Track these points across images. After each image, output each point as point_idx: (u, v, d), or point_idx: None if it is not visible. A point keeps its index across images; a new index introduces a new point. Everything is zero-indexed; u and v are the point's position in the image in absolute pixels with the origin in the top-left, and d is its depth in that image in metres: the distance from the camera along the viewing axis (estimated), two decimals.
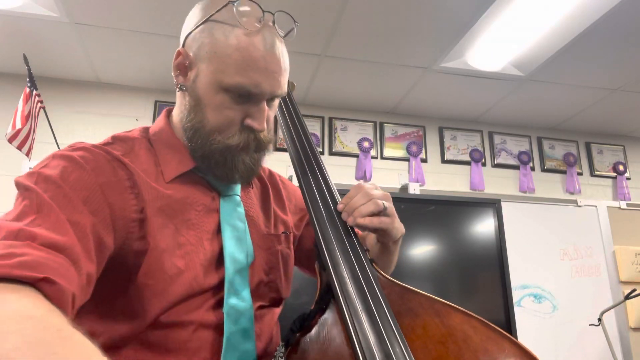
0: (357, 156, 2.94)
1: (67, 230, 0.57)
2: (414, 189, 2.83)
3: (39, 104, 2.20)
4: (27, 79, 2.17)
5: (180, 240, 0.70)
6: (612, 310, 2.63)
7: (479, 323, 0.65)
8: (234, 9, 0.70)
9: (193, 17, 0.76)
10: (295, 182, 0.96)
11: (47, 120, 2.24)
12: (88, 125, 2.65)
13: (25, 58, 2.18)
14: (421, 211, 2.73)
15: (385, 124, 3.05)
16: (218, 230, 0.75)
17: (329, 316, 0.71)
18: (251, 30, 0.69)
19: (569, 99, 2.91)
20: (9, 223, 0.55)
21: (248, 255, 0.76)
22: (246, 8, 0.71)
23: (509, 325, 2.62)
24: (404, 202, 2.72)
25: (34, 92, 2.16)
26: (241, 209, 0.79)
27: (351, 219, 0.76)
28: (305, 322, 0.71)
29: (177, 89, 0.78)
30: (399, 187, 2.86)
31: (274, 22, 0.73)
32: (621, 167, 3.32)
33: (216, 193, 0.78)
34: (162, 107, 2.76)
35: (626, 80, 2.67)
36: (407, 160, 3.01)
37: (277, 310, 0.83)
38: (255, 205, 0.85)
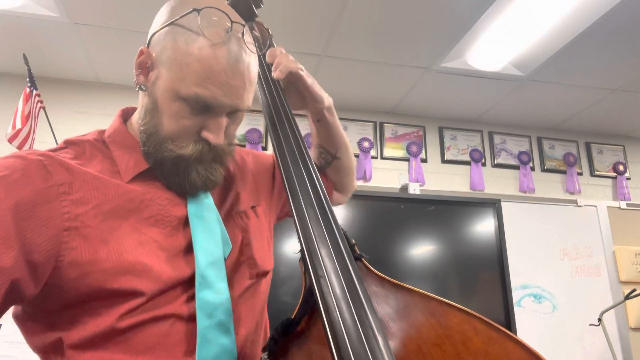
0: (357, 156, 2.94)
1: None
2: (414, 189, 2.83)
3: (39, 104, 2.20)
4: (27, 79, 2.17)
5: (141, 238, 0.67)
6: (612, 310, 2.63)
7: (480, 323, 0.59)
8: (198, 18, 0.66)
9: (160, 16, 0.73)
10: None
11: (47, 120, 2.24)
12: (88, 125, 2.64)
13: (25, 58, 2.18)
14: (421, 211, 2.73)
15: (385, 124, 3.05)
16: (186, 223, 0.72)
17: (312, 321, 0.66)
18: (215, 41, 0.66)
19: (569, 99, 2.91)
20: None
21: (224, 245, 0.73)
22: (214, 17, 0.67)
23: (509, 325, 2.62)
24: (404, 202, 2.72)
25: (34, 92, 2.17)
26: (209, 200, 0.76)
27: (279, 72, 0.80)
28: (289, 328, 0.67)
29: (137, 89, 0.76)
30: (399, 187, 2.86)
31: (243, 34, 0.69)
32: (621, 167, 3.32)
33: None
34: None
35: (626, 80, 2.67)
36: (407, 160, 3.01)
37: (264, 287, 0.80)
38: (219, 188, 0.82)
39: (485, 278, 2.72)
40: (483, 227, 2.82)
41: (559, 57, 2.42)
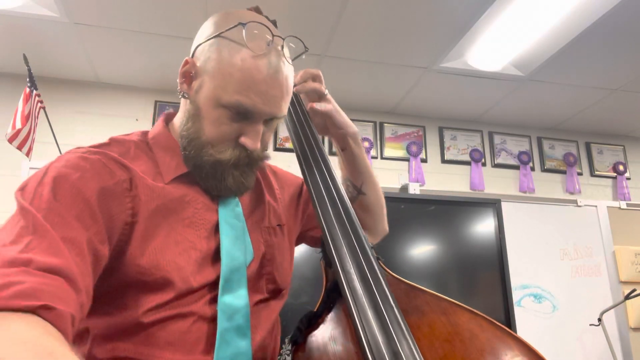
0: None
1: (62, 250, 0.57)
2: (414, 189, 2.83)
3: (39, 104, 2.20)
4: (27, 79, 2.17)
5: (177, 238, 0.72)
6: (612, 310, 2.63)
7: (485, 322, 0.66)
8: (243, 31, 0.71)
9: (205, 29, 0.78)
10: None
11: (47, 120, 2.24)
12: (88, 125, 2.65)
13: (25, 58, 2.18)
14: (421, 211, 2.73)
15: (385, 124, 3.05)
16: (216, 229, 0.76)
17: (336, 314, 0.71)
18: (257, 53, 0.70)
19: (569, 99, 2.91)
20: (5, 249, 0.55)
21: (246, 253, 0.77)
22: (255, 31, 0.72)
23: (509, 325, 2.62)
24: (404, 202, 2.72)
25: (34, 92, 2.16)
26: (239, 209, 0.80)
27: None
28: (312, 320, 0.71)
29: (180, 96, 0.79)
30: (399, 187, 2.86)
31: (282, 47, 0.73)
32: (621, 167, 3.32)
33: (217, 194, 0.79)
34: (162, 107, 2.76)
35: (626, 80, 2.67)
36: (407, 160, 3.01)
37: (278, 303, 0.84)
38: (249, 201, 0.86)
39: (485, 278, 2.72)
40: (483, 227, 2.81)
41: (559, 57, 2.42)
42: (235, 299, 0.72)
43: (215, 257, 0.74)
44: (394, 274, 0.74)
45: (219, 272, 0.73)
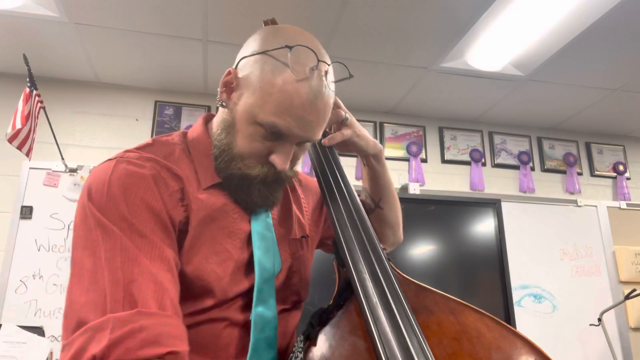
0: (356, 156, 2.93)
1: (158, 278, 0.60)
2: (414, 189, 2.83)
3: (39, 104, 2.20)
4: (27, 79, 2.17)
5: (218, 248, 0.73)
6: (612, 310, 2.63)
7: (492, 321, 0.68)
8: (289, 54, 0.70)
9: (252, 43, 0.77)
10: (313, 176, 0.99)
11: (47, 120, 2.24)
12: (88, 125, 2.65)
13: (25, 58, 2.18)
14: (421, 211, 2.73)
15: (385, 124, 3.05)
16: (249, 239, 0.77)
17: (347, 312, 0.72)
18: (300, 77, 0.70)
19: (569, 99, 2.91)
20: (109, 285, 0.58)
21: (275, 264, 0.78)
22: (301, 55, 0.71)
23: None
24: (404, 202, 2.71)
25: (34, 92, 2.16)
26: (270, 220, 0.81)
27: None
28: (324, 316, 0.72)
29: (218, 105, 0.79)
30: (399, 187, 2.86)
31: (327, 73, 0.73)
32: (621, 167, 3.32)
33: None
34: (162, 107, 2.77)
35: (626, 80, 2.67)
36: (407, 160, 3.01)
37: (298, 314, 0.85)
38: (278, 212, 0.87)
39: (485, 278, 2.72)
40: (483, 227, 2.81)
41: (559, 57, 2.42)
42: (266, 309, 0.74)
43: (247, 267, 0.75)
44: (404, 275, 0.76)
45: (251, 282, 0.74)
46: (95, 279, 0.59)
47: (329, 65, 0.74)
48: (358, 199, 0.85)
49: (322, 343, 0.69)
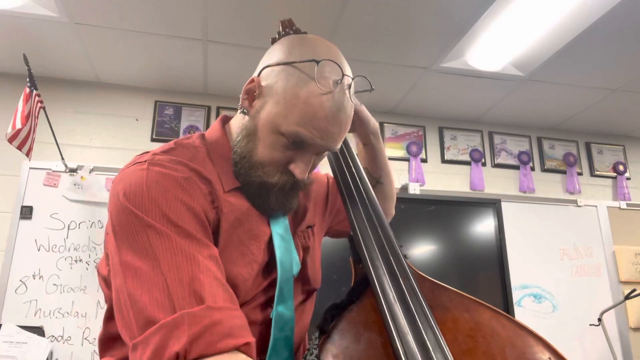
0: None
1: (216, 275, 0.63)
2: (414, 189, 2.83)
3: (39, 104, 2.20)
4: (27, 79, 2.17)
5: (244, 250, 0.74)
6: (612, 310, 2.63)
7: (506, 319, 0.69)
8: (316, 67, 0.72)
9: (277, 52, 0.78)
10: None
11: (47, 120, 2.24)
12: (88, 125, 2.65)
13: (25, 58, 2.18)
14: (421, 211, 2.73)
15: (385, 124, 3.05)
16: (269, 241, 0.78)
17: (362, 306, 0.74)
18: (324, 91, 0.71)
19: (569, 99, 2.91)
20: (173, 283, 0.60)
21: (294, 264, 0.79)
22: (327, 69, 0.73)
23: None
24: (404, 202, 2.72)
25: (34, 92, 2.16)
26: (286, 220, 0.82)
27: None
28: (339, 310, 0.73)
29: (239, 111, 0.80)
30: (399, 187, 2.86)
31: (350, 86, 0.74)
32: (621, 167, 3.32)
33: None
34: (162, 107, 2.76)
35: (626, 80, 2.67)
36: (407, 160, 3.01)
37: (311, 305, 0.87)
38: None
39: (485, 278, 2.72)
40: (483, 227, 2.81)
41: (559, 57, 2.42)
42: (285, 310, 0.75)
43: (267, 267, 0.77)
44: (419, 272, 0.77)
45: (269, 281, 0.76)
46: (156, 279, 0.60)
47: (352, 78, 0.76)
48: (374, 195, 0.86)
49: (337, 337, 0.70)
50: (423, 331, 0.63)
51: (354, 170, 0.88)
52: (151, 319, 0.57)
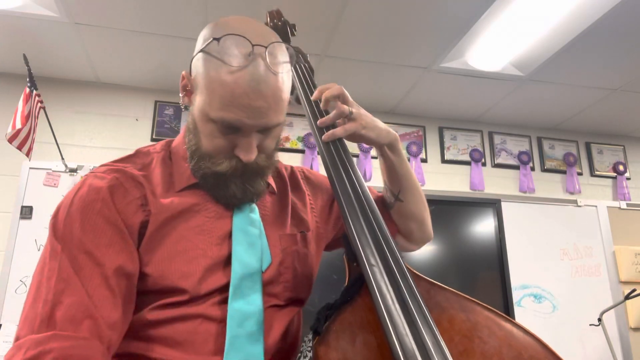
0: (357, 156, 2.94)
1: (85, 298, 0.64)
2: None
3: (39, 104, 2.20)
4: (27, 79, 2.17)
5: (187, 245, 0.74)
6: (612, 310, 2.63)
7: (503, 320, 0.68)
8: (218, 46, 0.70)
9: (197, 42, 0.78)
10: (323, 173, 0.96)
11: (47, 120, 2.24)
12: (88, 125, 2.65)
13: (25, 58, 2.18)
14: None
15: (385, 124, 3.05)
16: (230, 236, 0.77)
17: (357, 306, 0.72)
18: (236, 67, 0.69)
19: (569, 99, 2.91)
20: (34, 307, 0.64)
21: (262, 259, 0.78)
22: (231, 44, 0.71)
23: None
24: None
25: (34, 92, 2.16)
26: (254, 215, 0.80)
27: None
28: (333, 311, 0.72)
29: (183, 109, 0.82)
30: None
31: (266, 55, 0.71)
32: (621, 167, 3.32)
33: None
34: (162, 107, 2.76)
35: (626, 80, 2.67)
36: (407, 160, 3.01)
37: (293, 311, 0.83)
38: (271, 207, 0.86)
39: (485, 278, 2.72)
40: (483, 227, 2.82)
41: (559, 57, 2.42)
42: (246, 304, 0.73)
43: (227, 263, 0.75)
44: (414, 271, 0.75)
45: (229, 278, 0.74)
46: (36, 297, 0.65)
47: (266, 47, 0.71)
48: (369, 192, 0.83)
49: (332, 339, 0.69)
50: (423, 332, 0.62)
51: (347, 164, 0.85)
52: (17, 335, 0.63)
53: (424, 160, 3.06)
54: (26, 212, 2.26)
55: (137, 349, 0.71)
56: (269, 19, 1.04)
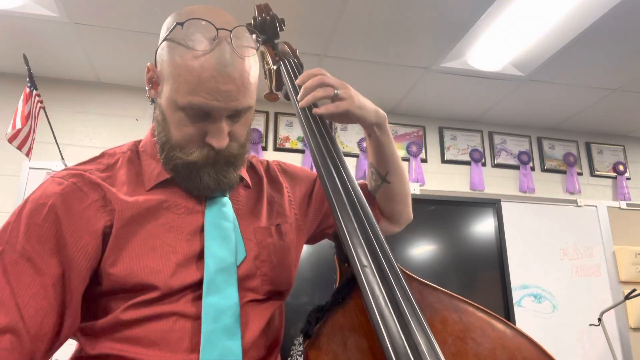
0: (357, 156, 2.94)
1: (13, 311, 0.63)
2: (414, 189, 2.83)
3: (39, 104, 2.20)
4: (27, 79, 2.17)
5: (155, 243, 0.72)
6: (612, 310, 2.63)
7: (496, 320, 0.68)
8: (182, 32, 0.70)
9: (162, 31, 0.77)
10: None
11: (47, 120, 2.24)
12: (88, 125, 2.65)
13: (25, 58, 2.18)
14: (421, 211, 2.73)
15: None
16: (202, 232, 0.76)
17: (350, 307, 0.71)
18: (201, 50, 0.69)
19: (569, 99, 2.91)
20: None
21: (237, 253, 0.76)
22: (194, 29, 0.71)
23: None
24: None
25: (34, 92, 2.16)
26: (227, 209, 0.79)
27: (304, 103, 0.82)
28: (324, 313, 0.70)
29: (150, 102, 0.81)
30: None
31: (231, 39, 0.71)
32: (621, 167, 3.32)
33: (202, 195, 0.79)
34: None
35: (626, 80, 2.67)
36: (407, 160, 3.01)
37: (275, 305, 0.82)
38: (245, 201, 0.85)
39: (485, 278, 2.72)
40: (483, 227, 2.82)
41: (559, 57, 2.42)
42: (221, 299, 0.72)
43: (200, 258, 0.74)
44: (407, 271, 0.74)
45: (202, 274, 0.73)
46: None
47: (230, 31, 0.71)
48: (360, 189, 0.80)
49: (323, 341, 0.68)
50: (416, 334, 0.61)
51: (337, 161, 0.82)
52: None
53: (424, 160, 3.06)
54: None
55: (112, 349, 0.69)
56: (257, 12, 1.02)
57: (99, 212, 0.71)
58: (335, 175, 0.80)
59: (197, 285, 0.72)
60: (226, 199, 0.80)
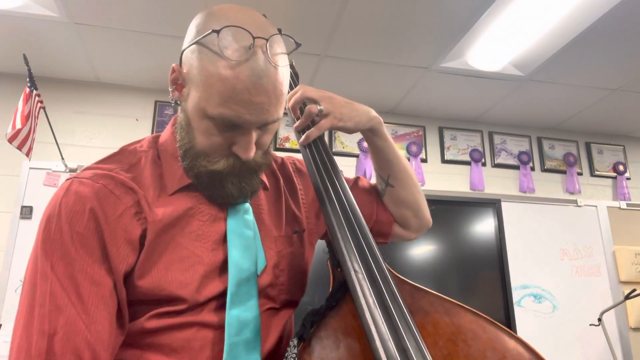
0: (357, 156, 2.94)
1: (89, 329, 0.62)
2: None
3: (39, 104, 2.20)
4: (27, 79, 2.17)
5: (183, 253, 0.71)
6: (612, 310, 2.63)
7: (487, 323, 0.68)
8: (217, 39, 0.66)
9: (189, 32, 0.73)
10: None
11: (47, 120, 2.24)
12: (88, 125, 2.65)
13: (25, 58, 2.18)
14: None
15: (385, 124, 3.03)
16: (225, 239, 0.74)
17: (341, 312, 0.71)
18: (236, 61, 0.65)
19: (569, 99, 2.91)
20: (28, 333, 0.62)
21: (257, 263, 0.75)
22: (231, 37, 0.66)
23: (509, 325, 2.62)
24: None
25: (34, 92, 2.16)
26: (249, 216, 0.78)
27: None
28: (317, 317, 0.71)
29: (173, 104, 0.78)
30: None
31: (267, 48, 0.67)
32: (621, 167, 3.32)
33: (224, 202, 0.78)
34: (162, 107, 2.77)
35: (626, 80, 2.67)
36: (407, 160, 3.01)
37: (288, 313, 0.82)
38: (266, 207, 0.84)
39: (485, 278, 2.72)
40: (483, 227, 2.82)
41: (559, 57, 2.42)
42: (244, 311, 0.71)
43: (223, 268, 0.73)
44: (398, 275, 0.75)
45: (226, 283, 0.72)
46: (28, 323, 0.62)
47: (266, 40, 0.67)
48: (352, 195, 0.81)
49: (317, 344, 0.69)
50: (405, 337, 0.62)
51: (328, 165, 0.82)
52: None
53: (424, 160, 3.06)
54: (26, 212, 2.26)
55: (133, 356, 0.69)
56: None
57: (134, 220, 0.69)
58: (328, 183, 0.81)
59: (221, 296, 0.72)
60: (247, 206, 0.78)
